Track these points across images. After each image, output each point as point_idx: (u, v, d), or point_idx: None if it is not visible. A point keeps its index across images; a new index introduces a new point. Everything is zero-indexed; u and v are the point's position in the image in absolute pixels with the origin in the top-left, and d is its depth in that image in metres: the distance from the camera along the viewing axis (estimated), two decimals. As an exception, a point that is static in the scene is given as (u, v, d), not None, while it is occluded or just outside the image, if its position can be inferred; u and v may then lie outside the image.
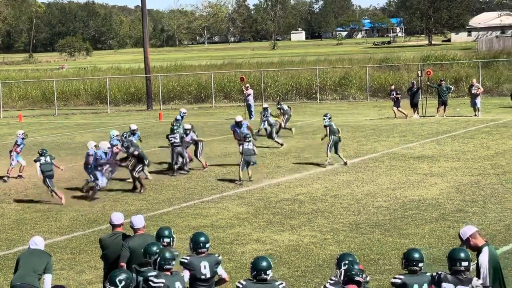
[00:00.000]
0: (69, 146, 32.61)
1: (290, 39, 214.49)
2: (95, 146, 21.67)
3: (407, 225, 16.65)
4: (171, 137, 24.56)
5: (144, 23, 52.30)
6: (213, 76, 53.08)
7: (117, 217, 11.33)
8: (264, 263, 8.79)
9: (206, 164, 25.21)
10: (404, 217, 17.43)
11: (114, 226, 11.30)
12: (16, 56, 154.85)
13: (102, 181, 21.28)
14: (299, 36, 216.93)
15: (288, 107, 33.19)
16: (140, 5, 52.42)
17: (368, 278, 9.18)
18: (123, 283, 8.35)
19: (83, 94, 56.75)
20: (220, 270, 10.01)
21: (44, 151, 21.80)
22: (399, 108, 37.44)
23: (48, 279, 10.87)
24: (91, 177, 21.60)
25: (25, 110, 53.46)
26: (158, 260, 9.29)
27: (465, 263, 8.66)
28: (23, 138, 25.60)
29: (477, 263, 8.91)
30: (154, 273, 9.29)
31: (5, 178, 24.78)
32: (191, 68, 66.88)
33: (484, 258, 8.84)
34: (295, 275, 13.53)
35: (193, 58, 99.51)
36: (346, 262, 8.56)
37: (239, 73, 55.11)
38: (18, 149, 25.20)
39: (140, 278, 9.52)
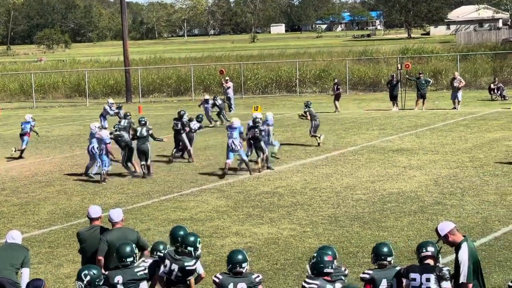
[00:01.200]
0: (47, 139, 32.41)
1: (270, 32, 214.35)
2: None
3: (386, 218, 16.70)
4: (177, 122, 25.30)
5: (123, 16, 52.04)
6: (193, 69, 52.97)
7: (95, 210, 11.26)
8: (240, 256, 8.81)
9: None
10: (383, 209, 17.48)
11: (91, 219, 11.23)
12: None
13: (109, 167, 22.42)
14: (278, 29, 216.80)
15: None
16: (119, -3, 52.17)
17: (346, 271, 9.20)
18: (88, 277, 8.45)
19: (62, 87, 56.44)
20: (198, 266, 9.90)
21: None
22: (336, 102, 38.45)
23: (25, 273, 10.79)
24: (98, 162, 22.39)
25: (3, 102, 53.10)
26: (196, 251, 9.52)
27: (429, 251, 8.88)
28: (34, 120, 28.27)
29: (456, 260, 8.92)
30: (191, 262, 9.43)
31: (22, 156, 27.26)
32: (171, 61, 66.70)
33: (464, 255, 8.83)
34: (274, 268, 13.53)
35: (172, 51, 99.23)
36: (315, 255, 8.58)
37: (219, 66, 55.03)
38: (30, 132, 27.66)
39: (175, 266, 9.47)
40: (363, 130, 31.12)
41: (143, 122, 22.93)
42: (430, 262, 8.85)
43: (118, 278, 9.25)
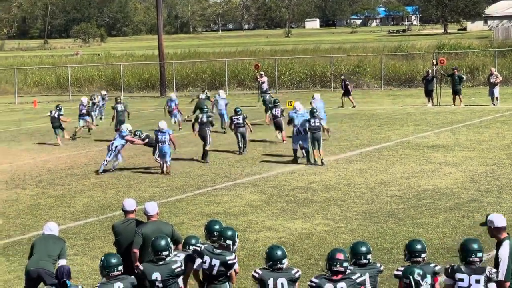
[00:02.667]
0: (83, 133, 32.61)
1: (304, 27, 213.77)
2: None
3: (421, 215, 16.59)
4: (234, 118, 25.36)
5: (158, 10, 52.26)
6: (227, 63, 53.03)
7: (130, 204, 11.33)
8: (279, 252, 8.83)
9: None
10: (418, 206, 17.36)
11: (126, 212, 11.30)
12: (32, 42, 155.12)
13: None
14: (313, 24, 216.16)
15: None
16: (155, -9, 52.38)
17: (381, 268, 9.16)
18: (104, 262, 9.07)
19: (97, 81, 56.84)
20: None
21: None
22: (349, 97, 38.69)
23: (62, 264, 10.90)
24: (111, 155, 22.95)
25: (40, 96, 53.64)
26: (234, 246, 9.58)
27: (479, 254, 8.62)
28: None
29: (496, 256, 8.84)
30: (232, 256, 9.47)
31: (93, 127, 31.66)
32: (205, 55, 66.85)
33: (504, 253, 8.76)
34: (307, 263, 13.52)
35: (207, 45, 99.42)
36: (329, 252, 8.58)
37: (253, 61, 55.05)
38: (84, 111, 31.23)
39: (216, 261, 9.47)
40: (398, 126, 30.93)
41: (206, 109, 25.51)
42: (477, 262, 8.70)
43: (156, 275, 9.27)
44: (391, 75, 50.97)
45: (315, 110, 23.13)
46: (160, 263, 9.35)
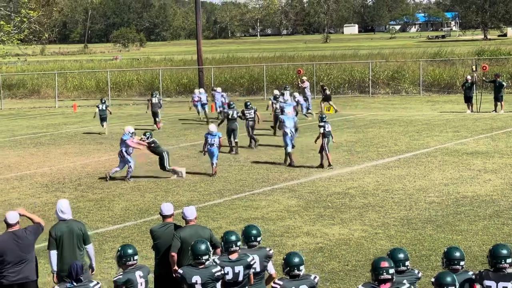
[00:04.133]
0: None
1: (342, 32, 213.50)
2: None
3: (460, 222, 16.45)
4: (247, 113, 28.18)
5: (197, 15, 52.53)
6: (265, 68, 53.09)
7: (168, 208, 11.38)
8: (297, 259, 8.81)
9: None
10: (457, 213, 17.22)
11: (164, 216, 11.36)
12: (72, 46, 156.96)
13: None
14: (352, 29, 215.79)
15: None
16: (194, -3, 52.65)
17: (420, 274, 9.10)
18: (119, 252, 9.71)
19: (136, 85, 57.27)
20: (269, 266, 9.94)
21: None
22: (329, 102, 39.41)
23: (90, 250, 11.35)
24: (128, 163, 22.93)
25: (80, 100, 54.19)
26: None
27: (509, 260, 8.53)
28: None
29: None
30: (251, 257, 9.59)
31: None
32: (244, 60, 66.93)
33: None
34: (345, 269, 13.47)
35: (245, 50, 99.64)
36: (372, 262, 8.51)
37: (291, 66, 55.05)
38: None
39: (239, 268, 9.56)
40: (437, 132, 30.72)
41: (232, 105, 28.06)
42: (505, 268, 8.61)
43: (196, 279, 9.29)
44: (430, 81, 50.63)
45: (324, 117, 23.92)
46: (200, 266, 9.38)
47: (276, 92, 34.54)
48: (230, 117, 27.38)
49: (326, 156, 23.32)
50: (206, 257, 9.40)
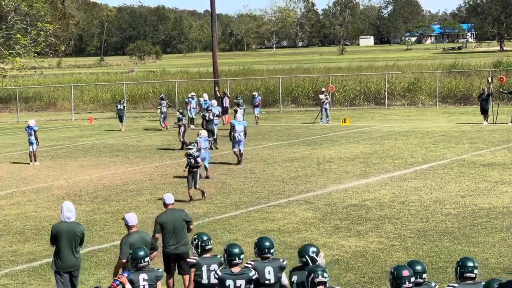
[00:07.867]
0: (137, 149, 33.02)
1: (358, 44, 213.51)
2: None
3: (477, 233, 16.37)
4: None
5: (213, 28, 52.70)
6: (281, 80, 53.13)
7: (132, 218, 11.98)
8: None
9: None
10: (474, 225, 17.14)
11: (129, 227, 11.91)
12: (88, 59, 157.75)
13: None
14: (367, 41, 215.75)
15: None
16: (210, 9, 52.84)
17: (436, 287, 9.05)
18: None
19: (152, 97, 57.42)
20: (283, 277, 9.92)
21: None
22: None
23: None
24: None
25: (96, 112, 54.39)
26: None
27: None
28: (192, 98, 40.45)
29: None
30: (253, 272, 9.61)
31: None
32: (259, 72, 67.00)
33: None
34: (362, 281, 13.43)
35: (261, 62, 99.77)
36: (392, 270, 8.45)
37: (307, 78, 55.06)
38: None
39: (241, 281, 9.55)
40: (453, 143, 30.62)
41: (210, 109, 32.03)
42: None
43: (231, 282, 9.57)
44: (446, 93, 50.51)
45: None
46: (236, 272, 9.49)
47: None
48: (207, 119, 31.28)
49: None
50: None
